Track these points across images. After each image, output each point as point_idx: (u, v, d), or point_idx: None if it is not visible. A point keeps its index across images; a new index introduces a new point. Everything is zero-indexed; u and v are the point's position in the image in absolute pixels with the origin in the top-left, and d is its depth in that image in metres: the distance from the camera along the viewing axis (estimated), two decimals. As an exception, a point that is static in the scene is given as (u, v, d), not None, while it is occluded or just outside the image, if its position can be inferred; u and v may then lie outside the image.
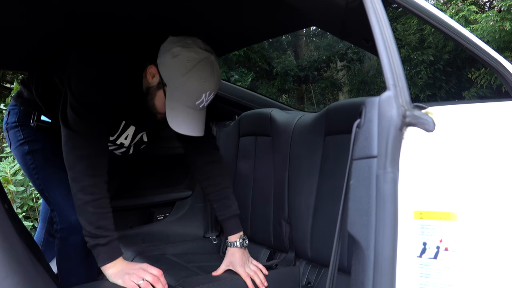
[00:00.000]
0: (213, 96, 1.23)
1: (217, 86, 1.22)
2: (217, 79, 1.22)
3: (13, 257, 0.69)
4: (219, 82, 1.24)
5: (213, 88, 1.21)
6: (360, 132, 0.83)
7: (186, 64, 1.17)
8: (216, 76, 1.21)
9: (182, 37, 1.23)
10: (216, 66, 1.21)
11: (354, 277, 0.81)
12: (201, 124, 1.24)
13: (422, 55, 5.26)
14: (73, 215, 1.27)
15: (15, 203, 3.01)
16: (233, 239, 1.40)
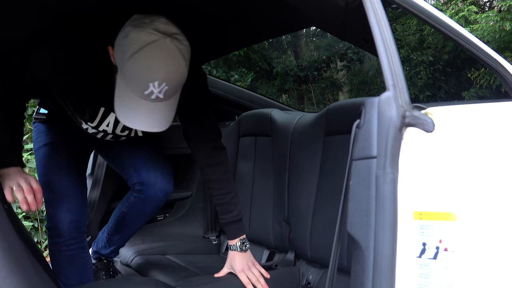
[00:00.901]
0: (172, 88, 1.03)
1: (173, 77, 1.01)
2: (172, 68, 1.00)
3: (13, 257, 0.69)
4: (177, 73, 1.02)
5: (163, 78, 0.99)
6: (359, 133, 0.83)
7: (132, 46, 0.99)
8: (170, 64, 1.00)
9: (145, 15, 1.06)
10: (173, 53, 1.00)
11: (354, 278, 0.81)
12: (158, 119, 1.06)
13: (422, 55, 5.26)
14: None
15: (15, 203, 3.00)
16: (232, 243, 1.38)
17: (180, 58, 1.02)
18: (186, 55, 1.04)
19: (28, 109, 3.42)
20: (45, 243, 3.09)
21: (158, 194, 1.49)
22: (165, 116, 1.08)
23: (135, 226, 1.59)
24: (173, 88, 1.03)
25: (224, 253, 1.90)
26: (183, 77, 1.05)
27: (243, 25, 1.57)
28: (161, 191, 1.49)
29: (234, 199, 1.38)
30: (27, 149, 3.35)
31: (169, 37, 1.00)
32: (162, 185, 1.49)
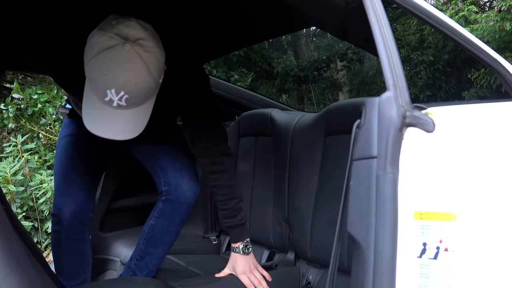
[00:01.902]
0: (135, 97, 0.96)
1: (132, 85, 0.94)
2: (129, 77, 0.93)
3: (13, 257, 0.68)
4: (137, 81, 0.95)
5: (120, 86, 0.93)
6: (360, 133, 0.83)
7: (92, 50, 0.94)
8: (127, 72, 0.93)
9: (118, 16, 1.00)
10: (131, 60, 0.94)
11: (354, 278, 0.81)
12: (122, 128, 1.01)
13: (422, 55, 5.26)
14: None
15: (15, 203, 3.00)
16: (235, 245, 1.36)
17: (141, 66, 0.94)
18: (151, 62, 0.96)
19: (28, 110, 3.42)
20: (45, 243, 3.09)
21: (186, 194, 1.38)
22: (131, 124, 1.02)
23: (166, 241, 1.44)
24: (137, 97, 0.97)
25: (224, 253, 1.90)
26: (146, 85, 0.97)
27: (243, 25, 1.57)
28: (190, 191, 1.39)
29: (239, 204, 1.34)
30: (27, 149, 3.35)
31: (129, 43, 0.94)
32: (190, 185, 1.39)
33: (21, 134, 3.41)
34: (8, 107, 3.38)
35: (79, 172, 1.45)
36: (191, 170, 1.43)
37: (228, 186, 1.33)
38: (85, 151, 1.48)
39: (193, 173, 1.43)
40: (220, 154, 1.32)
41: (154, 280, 1.30)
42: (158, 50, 0.99)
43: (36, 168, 3.25)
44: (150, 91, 1.00)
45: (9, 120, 3.47)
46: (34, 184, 3.03)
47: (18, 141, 3.16)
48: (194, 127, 1.33)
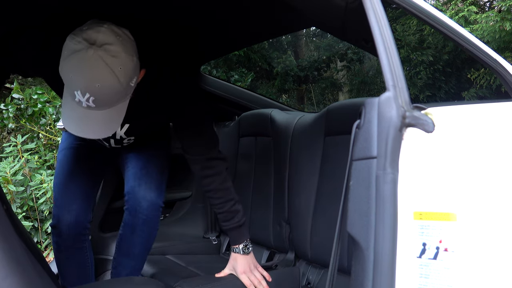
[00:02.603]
0: (102, 100, 1.00)
1: (96, 88, 0.98)
2: (92, 80, 0.97)
3: (13, 258, 0.69)
4: (101, 84, 0.98)
5: (84, 88, 0.97)
6: (359, 133, 0.83)
7: (63, 53, 1.00)
8: (90, 75, 0.97)
9: (92, 21, 1.04)
10: (95, 64, 0.97)
11: (354, 278, 0.81)
12: (93, 127, 1.05)
13: (422, 55, 5.25)
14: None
15: (15, 203, 3.00)
16: (235, 246, 1.37)
17: (105, 70, 0.97)
18: (116, 67, 0.99)
19: (28, 110, 3.43)
20: (45, 243, 3.09)
21: (141, 203, 1.38)
22: (101, 124, 1.06)
23: (134, 252, 1.44)
24: (103, 99, 1.00)
25: (224, 253, 1.90)
26: (111, 89, 1.00)
27: (243, 25, 1.57)
28: (144, 200, 1.38)
29: (235, 206, 1.34)
30: (27, 149, 3.35)
31: (94, 48, 0.97)
32: (145, 194, 1.39)
33: (21, 134, 3.41)
34: (8, 107, 3.38)
35: (77, 184, 1.47)
36: (152, 179, 1.42)
37: (222, 189, 1.33)
38: (83, 163, 1.50)
39: (153, 183, 1.42)
40: (210, 159, 1.32)
41: (154, 280, 1.31)
42: (125, 55, 1.01)
43: (36, 168, 3.25)
44: (118, 94, 1.03)
45: (9, 120, 3.47)
46: (34, 184, 3.03)
47: (18, 141, 3.16)
48: (184, 132, 1.33)
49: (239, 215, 1.35)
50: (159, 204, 1.43)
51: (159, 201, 1.42)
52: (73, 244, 1.45)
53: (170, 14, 1.38)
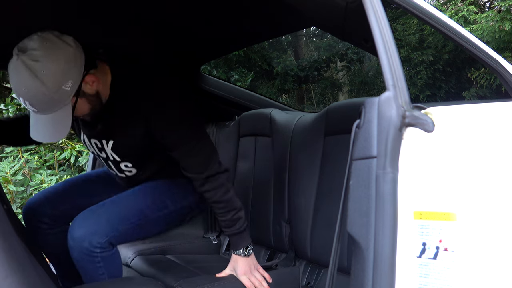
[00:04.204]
0: (35, 104, 1.07)
1: (24, 92, 1.05)
2: (18, 84, 1.05)
3: (13, 258, 0.69)
4: (27, 89, 1.04)
5: (16, 92, 1.06)
6: (359, 133, 0.83)
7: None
8: (16, 80, 1.05)
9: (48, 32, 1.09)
10: (18, 69, 1.04)
11: (354, 277, 0.81)
12: (40, 130, 1.13)
13: (422, 55, 5.25)
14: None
15: (15, 203, 3.00)
16: (235, 249, 1.35)
17: (26, 73, 1.03)
18: (39, 71, 1.03)
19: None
20: (45, 243, 3.08)
21: (71, 233, 1.22)
22: (49, 128, 1.13)
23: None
24: (35, 103, 1.07)
25: (224, 253, 1.90)
26: (38, 92, 1.05)
27: (243, 25, 1.57)
28: (73, 231, 1.21)
29: (237, 214, 1.31)
30: (27, 149, 3.35)
31: (20, 54, 1.04)
32: (77, 223, 1.22)
33: (21, 134, 3.40)
34: (8, 107, 3.38)
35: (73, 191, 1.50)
36: (95, 214, 1.25)
37: (223, 201, 1.30)
38: (90, 181, 1.55)
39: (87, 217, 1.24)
40: (208, 177, 1.27)
41: (154, 280, 1.30)
42: (49, 59, 1.04)
43: (36, 168, 3.25)
44: (48, 97, 1.07)
45: (9, 120, 3.46)
46: (34, 184, 3.03)
47: (18, 141, 3.16)
48: (177, 154, 1.27)
49: (241, 222, 1.33)
50: (79, 236, 1.20)
51: (78, 233, 1.20)
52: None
53: (170, 14, 1.38)
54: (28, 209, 1.43)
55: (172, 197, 1.38)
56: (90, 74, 1.15)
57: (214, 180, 1.28)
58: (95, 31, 1.48)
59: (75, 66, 1.09)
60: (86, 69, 1.13)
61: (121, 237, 1.26)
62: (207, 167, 1.27)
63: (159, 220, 1.35)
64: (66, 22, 1.34)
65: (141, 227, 1.31)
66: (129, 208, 1.30)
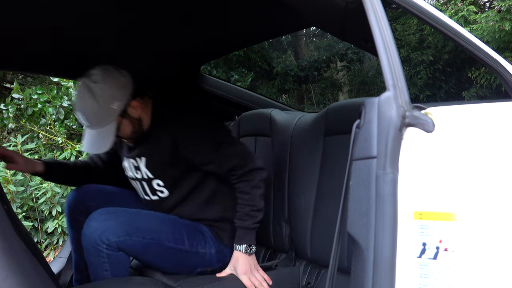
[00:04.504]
0: (88, 118, 1.32)
1: (81, 107, 1.32)
2: (78, 101, 1.32)
3: (13, 258, 0.69)
4: (83, 104, 1.31)
5: (75, 107, 1.34)
6: (359, 133, 0.83)
7: None
8: (77, 98, 1.33)
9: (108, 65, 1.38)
10: (80, 89, 1.32)
11: (354, 278, 0.81)
12: (88, 142, 1.35)
13: (422, 55, 5.25)
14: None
15: (15, 203, 3.00)
16: (237, 244, 1.37)
17: (85, 90, 1.31)
18: (96, 90, 1.30)
19: (28, 110, 3.42)
20: (45, 243, 3.09)
21: (84, 230, 1.28)
22: (95, 142, 1.34)
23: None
24: (88, 117, 1.32)
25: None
26: (91, 107, 1.30)
27: (243, 25, 1.57)
28: (88, 227, 1.27)
29: (254, 212, 1.36)
30: (27, 149, 3.35)
31: (83, 78, 1.33)
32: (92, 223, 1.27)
33: (21, 134, 3.41)
34: (8, 107, 3.38)
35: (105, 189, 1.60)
36: (115, 214, 1.31)
37: (251, 193, 1.37)
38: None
39: (113, 216, 1.30)
40: (246, 171, 1.38)
41: (154, 280, 1.30)
42: (105, 82, 1.31)
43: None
44: (99, 113, 1.32)
45: (9, 120, 3.47)
46: (34, 184, 3.03)
47: (18, 141, 3.16)
48: (208, 161, 1.40)
49: (254, 220, 1.37)
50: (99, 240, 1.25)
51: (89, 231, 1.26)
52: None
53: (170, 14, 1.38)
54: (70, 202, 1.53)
55: (192, 238, 1.40)
56: (135, 100, 1.37)
57: (249, 175, 1.38)
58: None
59: (124, 91, 1.34)
60: (133, 96, 1.36)
61: (128, 246, 1.28)
62: (243, 166, 1.38)
63: (169, 251, 1.36)
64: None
65: (150, 247, 1.32)
66: (149, 224, 1.34)
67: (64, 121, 3.56)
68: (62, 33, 1.41)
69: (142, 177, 1.48)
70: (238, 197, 1.39)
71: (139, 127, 1.42)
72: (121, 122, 1.36)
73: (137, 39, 1.56)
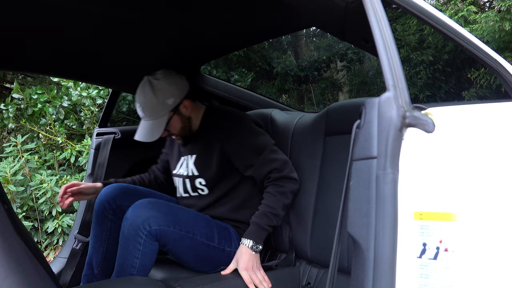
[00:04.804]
0: (146, 109, 1.50)
1: (142, 98, 1.51)
2: (139, 93, 1.52)
3: (13, 258, 0.69)
4: (144, 97, 1.50)
5: (136, 99, 1.53)
6: (360, 133, 0.83)
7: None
8: (139, 91, 1.52)
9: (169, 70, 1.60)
10: (143, 85, 1.52)
11: (354, 278, 0.81)
12: (141, 132, 1.52)
13: (422, 55, 5.25)
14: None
15: (15, 203, 3.00)
16: (245, 238, 1.41)
17: (147, 87, 1.51)
18: (156, 86, 1.50)
19: (28, 110, 3.42)
20: (45, 243, 3.09)
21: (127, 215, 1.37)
22: (146, 131, 1.51)
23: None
24: (145, 108, 1.51)
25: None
26: (150, 100, 1.50)
27: (243, 25, 1.57)
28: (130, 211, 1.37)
29: (273, 216, 1.43)
30: (27, 149, 3.35)
31: (148, 76, 1.54)
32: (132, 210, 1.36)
33: (21, 134, 3.41)
34: (8, 107, 3.38)
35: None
36: (158, 205, 1.39)
37: (275, 195, 1.45)
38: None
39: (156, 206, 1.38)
40: (282, 177, 1.47)
41: (154, 280, 1.30)
42: (165, 80, 1.52)
43: (36, 168, 3.25)
44: (155, 106, 1.50)
45: (9, 120, 3.47)
46: (34, 184, 3.03)
47: (18, 141, 3.16)
48: (249, 164, 1.50)
49: (269, 221, 1.43)
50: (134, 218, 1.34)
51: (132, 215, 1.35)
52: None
53: (170, 14, 1.38)
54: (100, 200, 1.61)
55: (221, 236, 1.50)
56: (188, 100, 1.55)
57: (282, 181, 1.47)
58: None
59: (180, 91, 1.54)
60: (186, 97, 1.55)
61: (166, 235, 1.37)
62: (280, 170, 1.47)
63: (200, 246, 1.45)
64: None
65: (184, 239, 1.41)
66: (186, 219, 1.44)
67: (64, 121, 3.56)
68: (62, 33, 1.41)
69: (187, 174, 1.61)
70: (264, 197, 1.46)
71: (188, 125, 1.58)
72: (172, 117, 1.53)
73: (137, 39, 1.56)
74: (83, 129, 3.63)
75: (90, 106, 3.43)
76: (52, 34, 1.41)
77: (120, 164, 2.07)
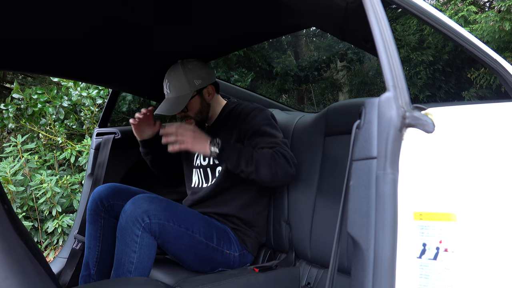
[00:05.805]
0: (172, 86, 1.61)
1: (171, 77, 1.62)
2: (170, 72, 1.64)
3: (13, 258, 0.69)
4: (174, 76, 1.62)
5: (166, 76, 1.65)
6: (359, 133, 0.83)
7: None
8: (171, 71, 1.64)
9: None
10: (176, 67, 1.64)
11: (354, 278, 0.81)
12: (165, 105, 1.60)
13: (422, 55, 5.24)
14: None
15: (15, 203, 3.00)
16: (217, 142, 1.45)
17: (179, 67, 1.63)
18: (186, 67, 1.63)
19: (28, 110, 3.42)
20: (45, 243, 3.09)
21: (125, 207, 1.38)
22: (170, 104, 1.60)
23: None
24: (173, 84, 1.62)
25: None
26: (178, 78, 1.61)
27: (243, 25, 1.57)
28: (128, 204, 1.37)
29: (250, 162, 1.40)
30: (27, 149, 3.35)
31: (179, 62, 1.66)
32: (128, 204, 1.37)
33: (21, 134, 3.41)
34: (8, 107, 3.38)
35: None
36: (158, 200, 1.40)
37: (266, 155, 1.41)
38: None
39: (156, 201, 1.39)
40: (283, 154, 1.43)
41: (154, 280, 1.30)
42: (196, 64, 1.66)
43: (36, 168, 3.25)
44: (182, 82, 1.61)
45: (9, 120, 3.47)
46: (34, 184, 3.03)
47: (18, 141, 3.16)
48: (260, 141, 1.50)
49: (242, 160, 1.40)
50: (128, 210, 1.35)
51: (129, 207, 1.35)
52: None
53: (171, 14, 1.38)
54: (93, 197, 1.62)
55: (220, 238, 1.50)
56: (212, 87, 1.66)
57: (280, 156, 1.42)
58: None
59: (208, 76, 1.65)
60: (211, 84, 1.65)
61: (165, 230, 1.36)
62: (282, 150, 1.44)
63: (199, 245, 1.44)
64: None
65: (182, 237, 1.41)
66: (185, 216, 1.43)
67: (64, 121, 3.56)
68: (62, 33, 1.41)
69: (208, 163, 1.66)
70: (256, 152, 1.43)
71: (206, 111, 1.67)
72: (194, 97, 1.61)
73: (137, 39, 1.56)
74: (83, 129, 3.63)
75: (90, 106, 3.43)
76: (52, 34, 1.41)
77: (120, 164, 2.07)
